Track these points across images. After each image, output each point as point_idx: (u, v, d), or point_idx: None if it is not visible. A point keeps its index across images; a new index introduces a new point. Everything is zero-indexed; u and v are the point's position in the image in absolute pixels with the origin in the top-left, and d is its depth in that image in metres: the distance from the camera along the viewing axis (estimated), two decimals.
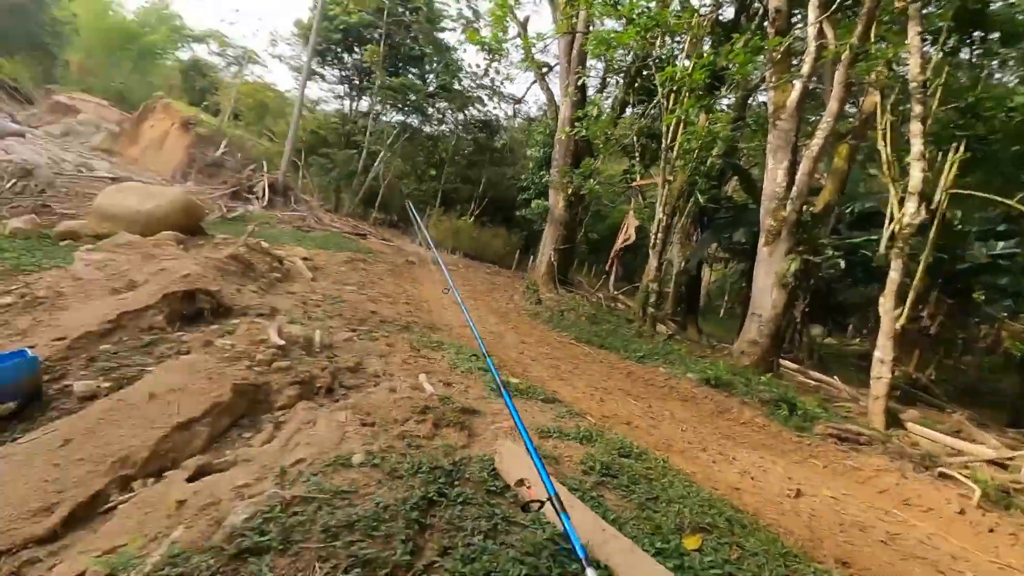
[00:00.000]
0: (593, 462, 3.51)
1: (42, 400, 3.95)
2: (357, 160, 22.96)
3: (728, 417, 6.29)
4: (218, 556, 2.46)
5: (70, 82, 33.42)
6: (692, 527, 3.03)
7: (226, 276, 5.85)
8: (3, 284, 5.49)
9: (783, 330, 9.73)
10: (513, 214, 23.62)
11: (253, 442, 3.50)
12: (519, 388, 4.82)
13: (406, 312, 7.42)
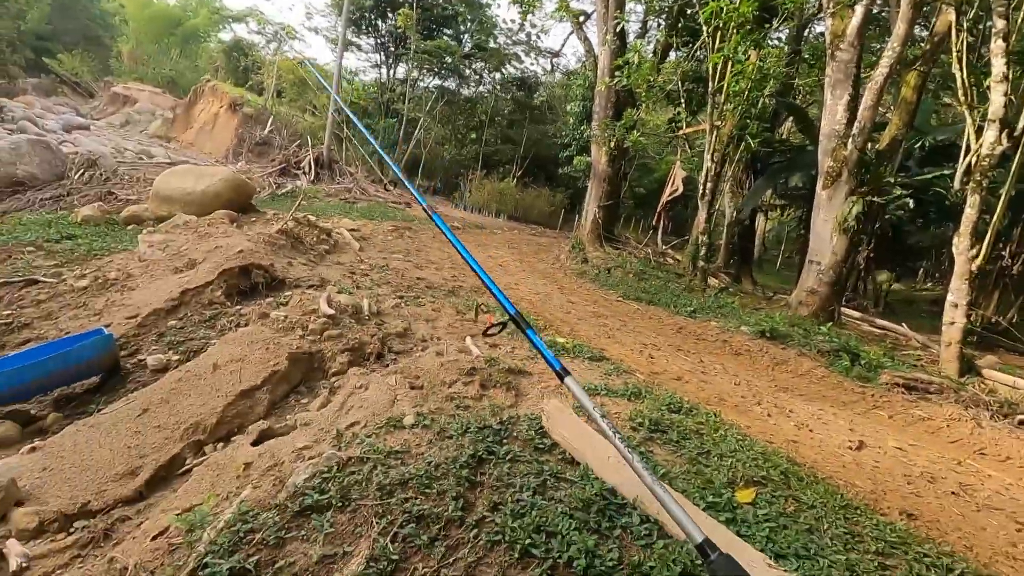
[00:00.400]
0: (642, 418, 3.48)
1: (120, 374, 4.26)
2: (398, 129, 23.02)
3: (785, 369, 6.08)
4: (283, 513, 2.61)
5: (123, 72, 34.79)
6: (745, 481, 2.97)
7: (277, 250, 6.05)
8: (79, 269, 5.89)
9: (845, 278, 9.23)
10: (556, 172, 23.22)
11: (310, 407, 3.66)
12: (565, 347, 4.81)
13: (451, 277, 7.49)
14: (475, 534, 2.50)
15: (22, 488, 3.15)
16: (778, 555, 2.38)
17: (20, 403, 4.00)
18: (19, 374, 3.83)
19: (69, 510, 3.08)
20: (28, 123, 21.80)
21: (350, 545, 2.47)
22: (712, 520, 2.48)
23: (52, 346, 4.17)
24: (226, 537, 2.48)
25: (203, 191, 7.64)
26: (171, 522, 2.84)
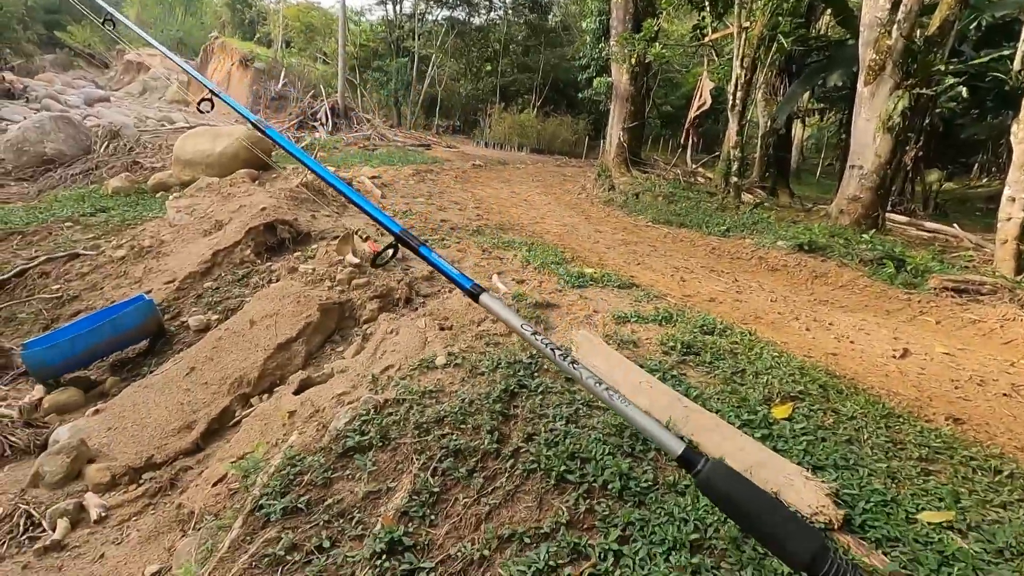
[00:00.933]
0: (674, 342, 3.44)
1: (166, 336, 4.45)
2: (410, 68, 22.30)
3: (825, 282, 5.88)
4: (328, 455, 2.72)
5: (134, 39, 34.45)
6: (782, 397, 2.93)
7: (300, 204, 6.07)
8: (115, 239, 6.07)
9: (889, 181, 8.69)
10: (576, 98, 22.26)
11: (345, 354, 3.76)
12: (593, 277, 4.74)
13: (475, 217, 7.41)
14: (511, 464, 2.57)
15: (92, 447, 3.39)
16: (816, 467, 2.36)
17: (80, 370, 4.25)
18: (73, 344, 4.05)
19: (136, 464, 3.31)
20: (51, 101, 22.09)
21: (393, 481, 2.58)
22: (747, 437, 2.47)
23: (100, 315, 4.37)
24: (277, 480, 2.61)
25: (221, 152, 7.65)
26: (228, 469, 3.01)
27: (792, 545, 0.61)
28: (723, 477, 0.69)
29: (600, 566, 2.04)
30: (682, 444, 0.72)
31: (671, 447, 0.72)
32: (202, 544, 2.53)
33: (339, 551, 2.27)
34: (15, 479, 3.30)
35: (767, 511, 0.64)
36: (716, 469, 0.69)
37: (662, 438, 0.73)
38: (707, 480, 0.68)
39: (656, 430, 0.74)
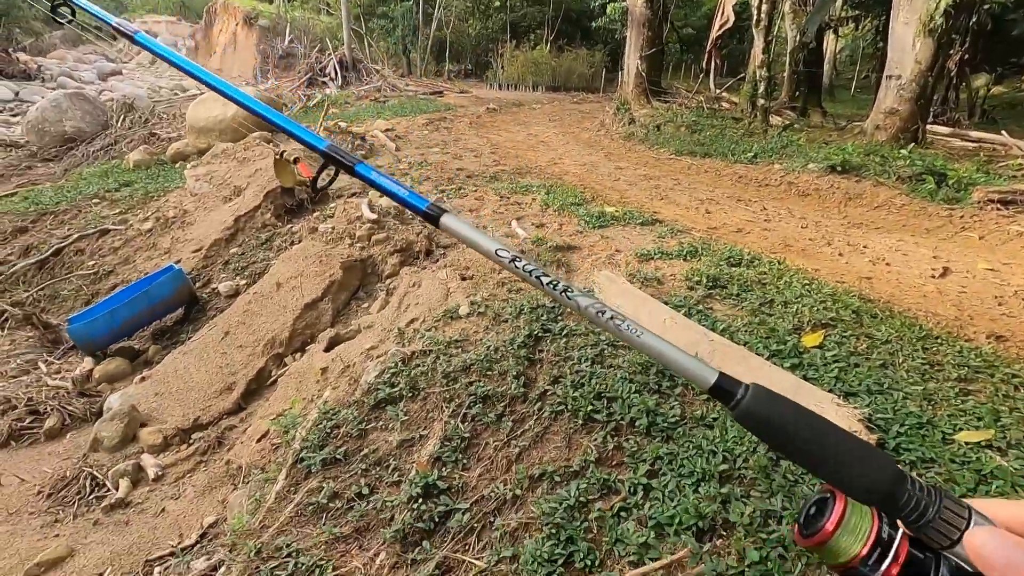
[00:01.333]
0: (699, 276, 3.36)
1: (199, 303, 4.57)
2: (416, 12, 21.45)
3: (859, 204, 5.62)
4: (361, 408, 2.81)
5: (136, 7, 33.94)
6: (812, 325, 2.86)
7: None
8: (141, 212, 6.18)
9: (931, 89, 8.09)
10: (591, 28, 21.16)
11: (371, 310, 3.81)
12: (614, 216, 4.63)
13: (492, 163, 7.26)
14: (539, 407, 2.61)
15: (142, 412, 3.57)
16: (848, 393, 2.32)
17: (123, 341, 4.43)
18: (113, 316, 4.21)
19: (185, 425, 3.48)
20: (66, 78, 22.17)
21: (424, 429, 2.65)
22: (775, 368, 2.43)
23: (135, 287, 4.51)
24: (315, 434, 2.72)
25: (233, 116, 7.60)
26: (269, 426, 3.15)
27: (862, 475, 0.53)
28: (768, 403, 0.58)
29: (630, 500, 2.08)
30: (714, 373, 0.59)
31: (701, 377, 0.59)
32: (251, 496, 2.67)
33: (378, 497, 2.37)
34: (77, 445, 3.52)
35: (827, 438, 0.55)
36: (759, 396, 0.58)
37: (689, 368, 0.60)
38: (749, 410, 0.57)
39: (680, 359, 0.61)
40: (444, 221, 0.76)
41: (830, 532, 0.52)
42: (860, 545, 0.52)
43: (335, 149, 0.86)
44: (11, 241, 6.05)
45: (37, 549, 2.74)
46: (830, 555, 0.53)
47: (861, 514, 0.53)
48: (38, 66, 23.49)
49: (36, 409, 3.75)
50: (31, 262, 5.57)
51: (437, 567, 2.03)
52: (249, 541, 2.30)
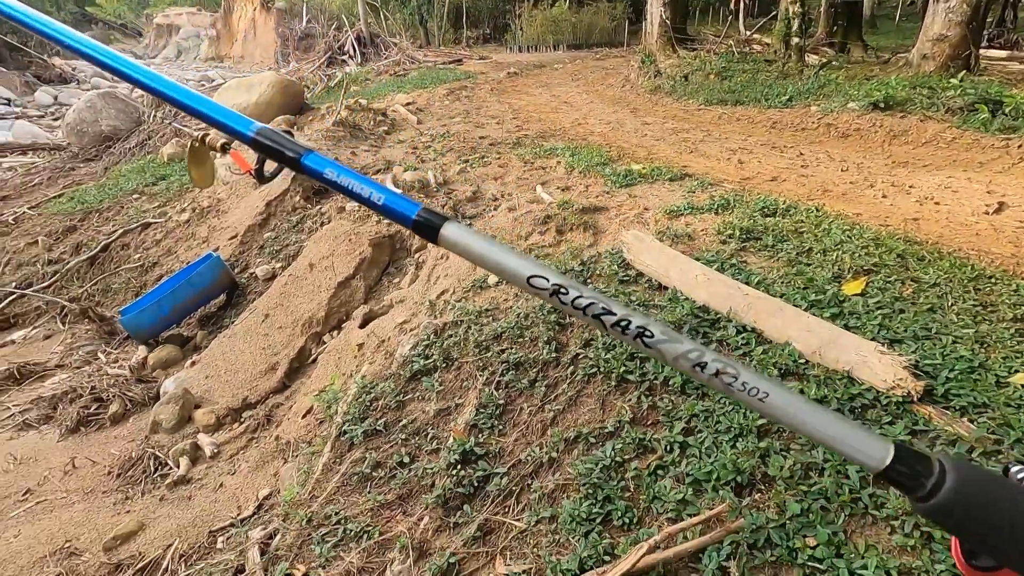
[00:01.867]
0: (731, 229, 3.26)
1: (239, 288, 4.72)
2: None
3: (904, 141, 5.30)
4: (397, 381, 2.87)
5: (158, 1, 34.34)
6: (854, 272, 2.74)
7: (338, 143, 6.06)
8: (178, 204, 6.38)
9: (984, 9, 7.46)
10: None
11: (402, 284, 3.86)
12: (642, 174, 4.50)
13: (515, 128, 7.14)
14: (571, 371, 2.61)
15: (195, 394, 3.75)
16: (893, 340, 2.23)
17: (172, 328, 4.64)
18: (160, 306, 4.40)
19: (235, 405, 3.64)
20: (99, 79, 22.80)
21: (460, 398, 2.70)
22: (814, 318, 2.35)
23: (178, 276, 4.68)
24: (355, 407, 2.80)
25: (256, 102, 7.68)
26: (312, 402, 3.26)
27: None
28: (982, 491, 0.40)
29: (666, 458, 2.07)
30: (888, 446, 0.41)
31: (865, 454, 0.41)
32: (300, 468, 2.79)
33: (418, 465, 2.44)
34: (139, 428, 3.74)
35: None
36: (966, 481, 0.40)
37: (846, 440, 0.42)
38: (950, 505, 0.40)
39: (833, 428, 0.43)
40: (447, 234, 0.53)
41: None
42: None
43: (272, 135, 0.62)
44: (63, 240, 6.35)
45: (112, 524, 2.95)
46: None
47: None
48: (72, 69, 24.23)
49: (100, 396, 3.98)
50: (82, 259, 5.84)
51: (479, 529, 2.08)
52: (300, 510, 2.41)
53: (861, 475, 1.77)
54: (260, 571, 2.18)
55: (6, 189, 9.54)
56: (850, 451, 0.42)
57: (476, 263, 0.54)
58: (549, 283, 0.50)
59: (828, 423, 0.43)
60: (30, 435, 3.84)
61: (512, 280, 0.52)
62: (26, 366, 4.61)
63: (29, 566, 2.80)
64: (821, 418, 0.43)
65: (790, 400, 0.44)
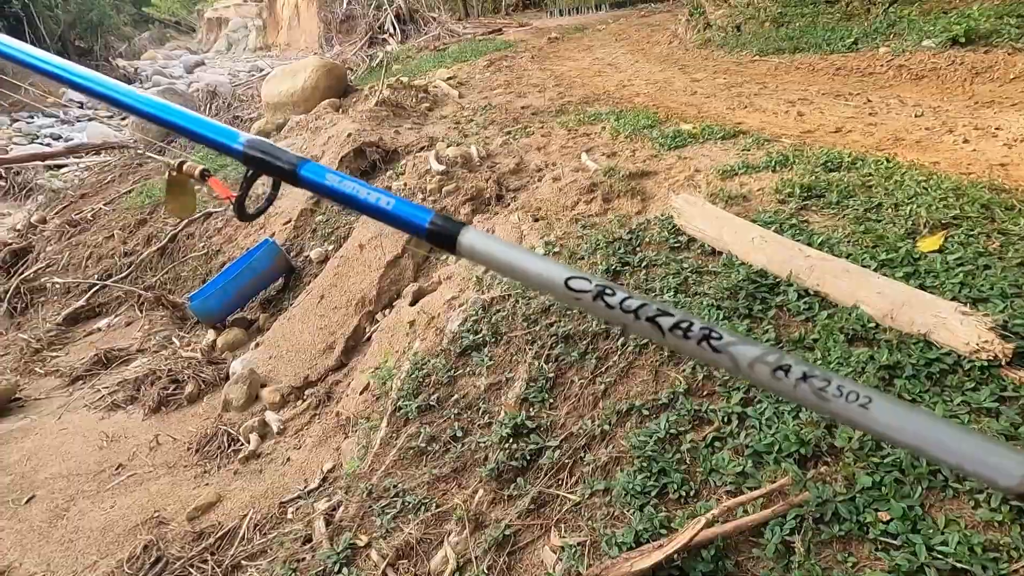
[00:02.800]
0: (791, 187, 3.06)
1: (295, 271, 4.88)
2: None
3: (988, 79, 4.78)
4: (448, 356, 2.90)
5: None
6: (930, 227, 2.52)
7: (381, 123, 6.10)
8: None
9: None
10: None
11: (449, 261, 3.87)
12: (691, 134, 4.29)
13: (557, 96, 6.95)
14: (622, 343, 2.55)
15: (260, 374, 3.93)
16: (976, 300, 2.04)
17: (237, 312, 4.87)
18: (225, 291, 4.62)
19: (297, 384, 3.80)
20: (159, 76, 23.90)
21: (510, 372, 2.70)
22: (885, 279, 2.18)
23: (239, 262, 4.89)
24: (409, 383, 2.86)
25: (302, 87, 7.83)
26: (368, 379, 3.35)
27: None
28: None
29: (724, 429, 2.00)
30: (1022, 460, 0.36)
31: (1001, 469, 0.36)
32: (359, 443, 2.89)
33: (471, 439, 2.47)
34: (213, 406, 3.97)
35: None
36: None
37: (973, 455, 0.36)
38: None
39: (954, 441, 0.37)
40: (466, 242, 0.48)
41: None
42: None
43: (263, 147, 0.57)
44: (135, 233, 6.75)
45: (193, 496, 3.17)
46: None
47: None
48: (135, 69, 25.50)
49: (176, 378, 4.25)
50: (154, 250, 6.20)
51: (532, 501, 2.09)
52: (361, 483, 2.50)
53: None
54: (326, 540, 2.29)
55: (84, 188, 10.23)
56: (980, 469, 0.35)
57: (503, 273, 0.49)
58: (591, 285, 0.45)
59: (949, 437, 0.36)
60: (119, 415, 4.16)
61: (547, 287, 0.46)
62: (111, 351, 4.98)
63: (125, 533, 3.06)
64: (940, 431, 0.36)
65: (898, 410, 0.37)
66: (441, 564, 2.02)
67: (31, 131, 16.78)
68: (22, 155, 12.98)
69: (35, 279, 6.54)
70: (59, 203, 9.55)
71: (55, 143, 15.26)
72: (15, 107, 17.97)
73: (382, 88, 7.00)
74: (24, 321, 6.03)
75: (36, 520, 3.30)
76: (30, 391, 4.78)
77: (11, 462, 3.88)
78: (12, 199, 11.34)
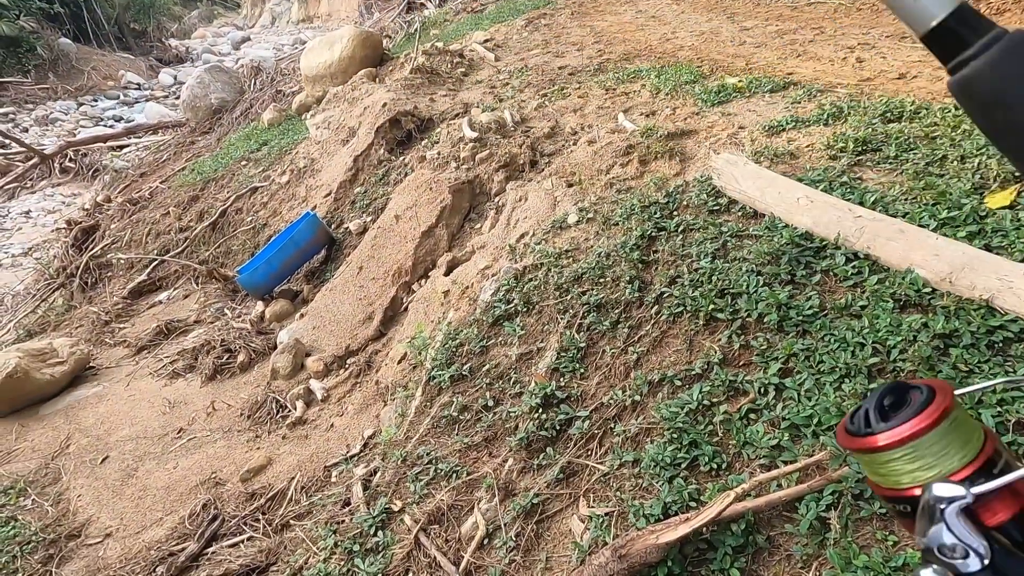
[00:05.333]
0: (844, 142, 2.84)
1: (336, 243, 4.98)
2: None
3: None
4: (480, 327, 2.90)
5: None
6: (1001, 181, 2.28)
7: (416, 90, 6.04)
8: (279, 167, 6.78)
9: None
10: None
11: (482, 230, 3.84)
12: (737, 88, 4.03)
13: (596, 54, 6.66)
14: (656, 311, 2.47)
15: (305, 344, 4.08)
16: None
17: (283, 284, 5.04)
18: (270, 263, 4.77)
19: (340, 353, 3.92)
20: (208, 55, 24.51)
21: (542, 342, 2.68)
22: (945, 239, 2.00)
23: (282, 235, 5.03)
24: (442, 353, 2.89)
25: (339, 58, 7.82)
26: (405, 348, 3.41)
27: None
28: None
29: (759, 401, 1.92)
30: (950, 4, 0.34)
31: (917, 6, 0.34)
32: (396, 411, 2.96)
33: (502, 408, 2.47)
34: (263, 375, 4.16)
35: None
36: (1009, 53, 0.32)
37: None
38: (976, 79, 0.32)
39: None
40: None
41: (914, 433, 0.36)
42: (957, 461, 0.36)
43: None
44: (189, 209, 7.05)
45: (246, 459, 3.35)
46: (894, 469, 0.37)
47: (968, 424, 0.37)
48: (186, 48, 26.25)
49: (229, 348, 4.47)
50: (205, 225, 6.46)
51: (561, 471, 2.09)
52: (396, 450, 2.57)
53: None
54: (363, 504, 2.38)
55: (143, 167, 10.73)
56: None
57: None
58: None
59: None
60: (179, 382, 4.42)
61: None
62: (171, 322, 5.27)
63: (187, 492, 3.29)
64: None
65: None
66: (471, 530, 2.06)
67: (95, 114, 17.66)
68: (87, 138, 13.70)
69: (102, 255, 6.97)
70: (121, 182, 10.07)
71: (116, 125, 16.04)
72: (79, 91, 18.91)
73: (417, 55, 6.91)
74: (94, 295, 6.46)
75: (110, 479, 3.58)
76: (102, 360, 5.14)
77: (88, 425, 4.22)
78: (81, 180, 12.05)
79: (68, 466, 3.78)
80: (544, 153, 4.09)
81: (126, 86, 20.27)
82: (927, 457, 0.35)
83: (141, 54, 23.89)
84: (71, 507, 3.41)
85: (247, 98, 10.99)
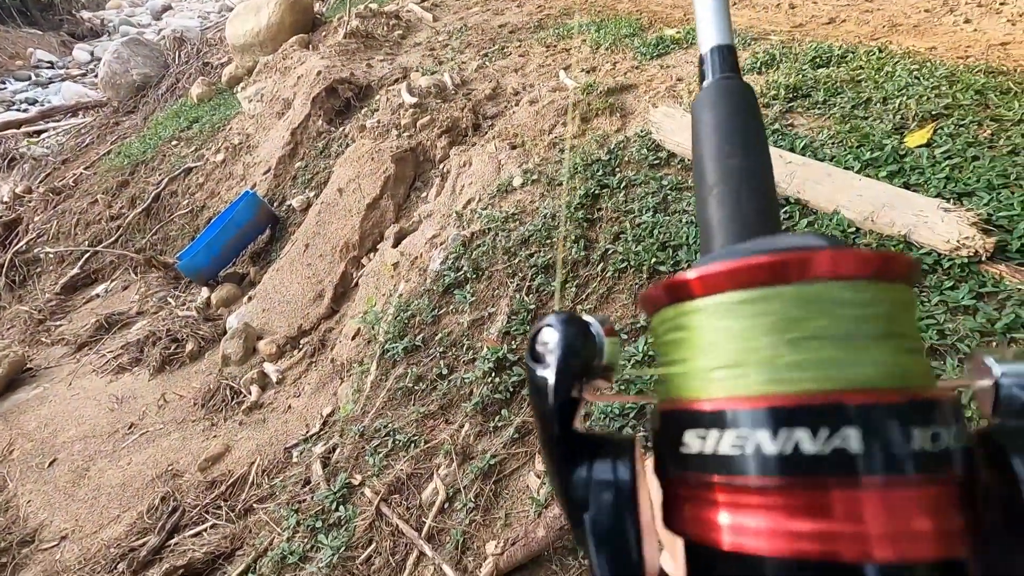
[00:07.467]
0: (775, 89, 2.89)
1: (279, 221, 4.81)
2: None
3: None
4: (431, 296, 2.89)
5: None
6: (919, 120, 2.38)
7: (352, 56, 5.79)
8: (212, 145, 6.44)
9: None
10: None
11: (428, 198, 3.78)
12: (675, 40, 4.03)
13: (536, 9, 6.51)
14: (601, 268, 2.51)
15: (256, 327, 3.97)
16: (961, 195, 1.96)
17: (227, 268, 4.86)
18: (210, 247, 4.58)
19: (292, 334, 3.84)
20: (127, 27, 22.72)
21: (492, 307, 2.68)
22: (867, 180, 2.08)
23: (221, 217, 4.82)
24: (394, 326, 2.86)
25: (267, 25, 7.38)
26: (358, 324, 3.36)
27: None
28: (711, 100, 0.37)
29: None
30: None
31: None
32: (352, 387, 2.94)
33: (456, 375, 2.49)
34: (213, 362, 4.04)
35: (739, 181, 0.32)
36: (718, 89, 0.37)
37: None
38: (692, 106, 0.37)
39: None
40: None
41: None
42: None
43: None
44: (119, 195, 6.65)
45: (203, 448, 3.28)
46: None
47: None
48: (100, 20, 24.22)
49: (176, 337, 4.31)
50: (139, 211, 6.12)
51: (516, 431, 2.13)
52: (354, 426, 2.56)
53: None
54: (323, 482, 2.38)
55: (64, 153, 10.01)
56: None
57: None
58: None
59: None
60: (126, 377, 4.26)
61: None
62: (112, 316, 5.03)
63: (143, 487, 3.21)
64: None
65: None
66: (432, 496, 2.09)
67: (5, 97, 16.25)
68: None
69: (28, 251, 6.54)
70: (42, 171, 9.39)
71: (31, 108, 14.82)
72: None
73: (350, 18, 6.59)
74: (24, 293, 6.09)
75: (60, 481, 3.46)
76: (39, 361, 4.89)
77: (31, 429, 4.04)
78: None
79: (13, 472, 3.63)
80: (487, 116, 4.01)
81: (37, 64, 18.64)
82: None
83: (50, 28, 21.93)
84: (20, 514, 3.29)
85: (172, 72, 10.31)
